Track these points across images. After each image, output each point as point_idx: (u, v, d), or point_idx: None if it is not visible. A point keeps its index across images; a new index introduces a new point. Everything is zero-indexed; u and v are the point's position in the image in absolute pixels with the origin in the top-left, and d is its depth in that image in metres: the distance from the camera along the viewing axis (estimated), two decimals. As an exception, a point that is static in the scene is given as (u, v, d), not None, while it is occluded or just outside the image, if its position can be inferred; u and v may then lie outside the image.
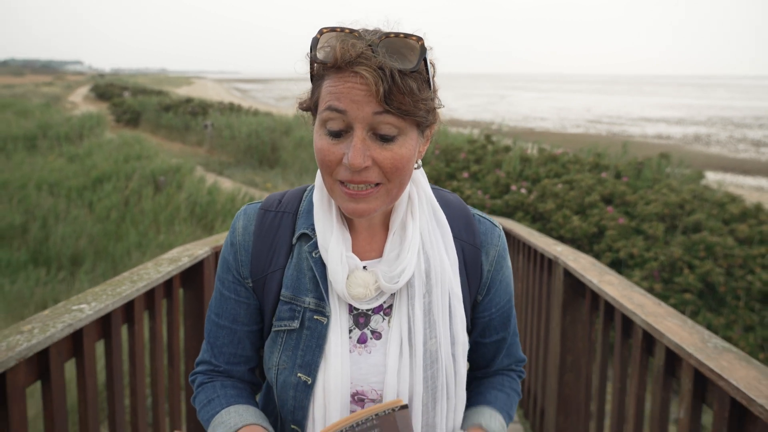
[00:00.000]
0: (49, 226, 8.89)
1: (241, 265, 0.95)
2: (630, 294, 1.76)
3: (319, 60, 0.81)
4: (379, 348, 0.91)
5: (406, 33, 0.79)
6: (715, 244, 5.62)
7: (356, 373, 0.90)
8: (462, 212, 0.98)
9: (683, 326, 1.46)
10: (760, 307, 5.28)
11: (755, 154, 27.13)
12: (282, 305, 0.92)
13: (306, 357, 0.90)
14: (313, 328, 0.90)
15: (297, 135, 16.43)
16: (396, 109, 0.78)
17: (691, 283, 5.39)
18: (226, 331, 0.97)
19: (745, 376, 1.15)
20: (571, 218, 6.46)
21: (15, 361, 1.22)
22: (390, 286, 0.88)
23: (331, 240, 0.89)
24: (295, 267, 0.92)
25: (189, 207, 9.58)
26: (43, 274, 7.36)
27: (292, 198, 0.98)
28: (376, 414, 0.73)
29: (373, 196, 0.83)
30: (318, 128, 0.85)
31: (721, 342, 1.34)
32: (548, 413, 2.55)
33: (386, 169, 0.82)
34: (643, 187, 7.18)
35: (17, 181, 10.85)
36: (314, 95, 0.86)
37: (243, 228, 0.95)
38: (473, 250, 0.96)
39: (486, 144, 9.21)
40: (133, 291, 1.73)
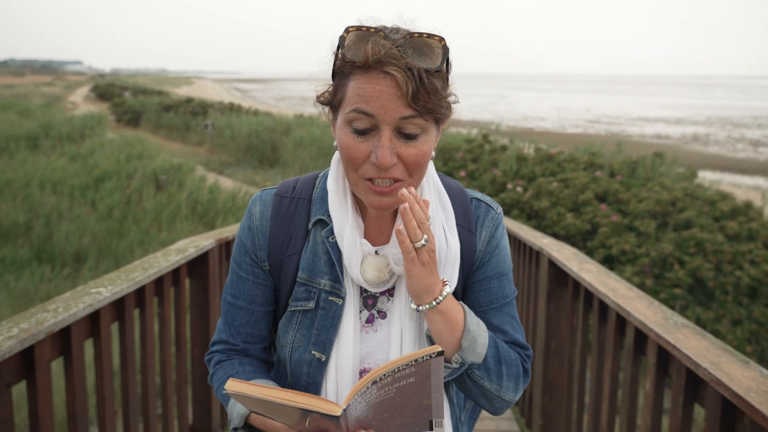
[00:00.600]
0: (53, 224, 9.02)
1: (259, 249, 0.98)
2: (605, 280, 1.89)
3: (348, 58, 0.83)
4: (384, 326, 0.96)
5: (429, 33, 0.83)
6: (705, 240, 5.76)
7: (364, 351, 0.95)
8: (461, 198, 1.01)
9: (650, 307, 1.60)
10: (748, 302, 5.41)
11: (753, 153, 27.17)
12: (298, 286, 0.96)
13: (320, 336, 0.94)
14: (328, 309, 0.94)
15: (297, 135, 16.56)
16: (422, 108, 0.82)
17: (681, 278, 5.53)
18: (243, 311, 1.00)
19: (696, 347, 1.29)
20: (566, 216, 6.60)
21: (44, 335, 1.36)
22: (399, 268, 0.92)
23: (347, 227, 0.92)
24: (311, 251, 0.96)
25: (190, 205, 9.72)
26: (48, 271, 7.49)
27: (305, 184, 1.01)
28: (415, 360, 0.75)
29: (396, 190, 0.87)
30: (342, 125, 0.86)
31: (681, 319, 1.48)
32: (535, 397, 2.68)
33: (410, 165, 0.86)
34: (637, 185, 7.32)
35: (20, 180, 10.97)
36: (338, 92, 0.88)
37: (260, 213, 0.99)
38: (468, 235, 0.99)
39: (483, 143, 9.34)
40: (144, 277, 1.87)
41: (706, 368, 1.18)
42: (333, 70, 0.88)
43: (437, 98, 0.83)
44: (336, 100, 0.88)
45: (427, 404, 0.81)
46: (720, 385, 1.13)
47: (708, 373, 1.17)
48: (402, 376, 0.76)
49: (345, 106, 0.85)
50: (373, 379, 0.75)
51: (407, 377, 0.76)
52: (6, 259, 7.78)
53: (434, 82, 0.82)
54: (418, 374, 0.76)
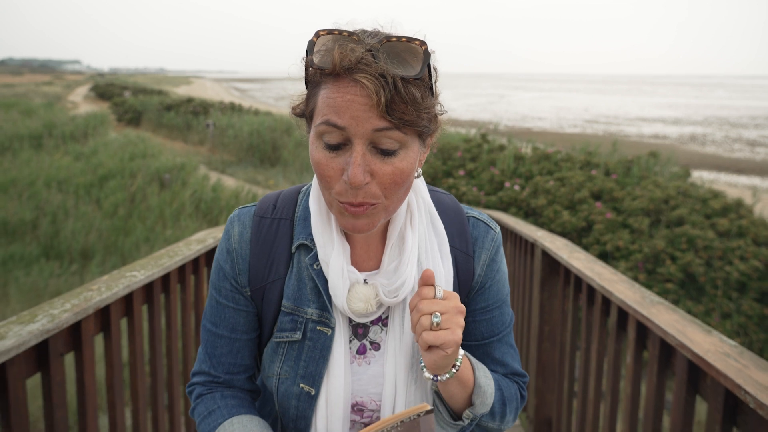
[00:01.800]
0: (59, 221, 9.19)
1: (239, 274, 0.92)
2: (592, 266, 2.07)
3: (316, 65, 0.76)
4: (378, 359, 0.90)
5: (408, 36, 0.74)
6: (696, 236, 5.94)
7: (356, 384, 0.90)
8: (457, 218, 0.95)
9: (631, 288, 1.78)
10: (737, 296, 5.60)
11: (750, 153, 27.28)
12: (283, 316, 0.90)
13: (309, 368, 0.89)
14: (316, 339, 0.88)
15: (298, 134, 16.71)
16: (398, 120, 0.74)
17: (673, 273, 5.71)
18: (224, 340, 0.94)
19: (668, 319, 1.47)
20: (562, 213, 6.78)
21: (93, 310, 1.53)
22: (389, 300, 0.87)
23: (332, 254, 0.86)
24: (296, 277, 0.90)
25: (194, 203, 9.90)
26: (56, 267, 7.66)
27: (286, 202, 0.94)
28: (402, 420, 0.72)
29: (371, 211, 0.79)
30: (314, 139, 0.79)
31: (657, 298, 1.65)
32: (530, 381, 2.86)
33: (386, 184, 0.78)
34: (631, 184, 7.50)
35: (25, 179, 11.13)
36: (310, 103, 0.81)
37: (239, 235, 0.92)
38: (465, 258, 0.93)
39: (481, 143, 9.52)
40: (171, 263, 2.05)
41: (673, 335, 1.35)
42: (305, 79, 0.81)
43: (416, 109, 0.74)
44: (308, 111, 0.81)
45: None
46: (685, 349, 1.31)
47: (675, 339, 1.34)
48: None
49: (316, 118, 0.78)
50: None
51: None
52: (15, 255, 7.95)
53: (412, 90, 0.74)
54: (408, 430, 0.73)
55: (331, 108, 0.74)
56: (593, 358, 2.02)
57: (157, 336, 2.08)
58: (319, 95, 0.77)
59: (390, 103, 0.72)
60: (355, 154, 0.75)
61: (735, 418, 1.21)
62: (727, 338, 1.32)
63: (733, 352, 1.23)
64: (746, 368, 1.15)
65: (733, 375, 1.13)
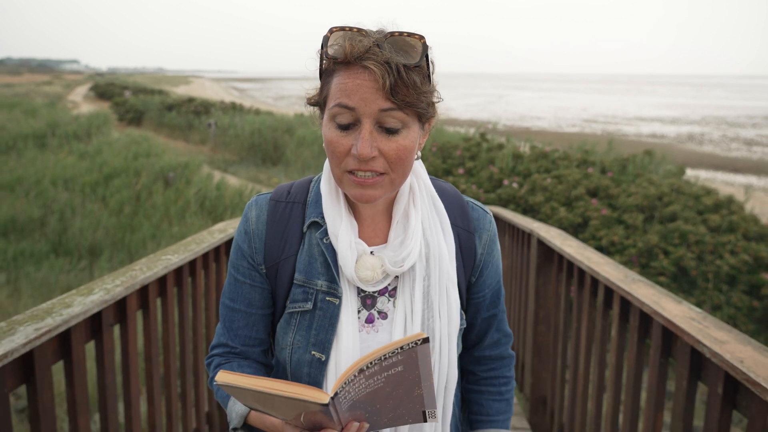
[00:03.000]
0: (66, 219, 9.37)
1: (256, 252, 0.99)
2: (583, 252, 2.28)
3: (329, 56, 0.87)
4: (386, 327, 0.97)
5: (409, 32, 0.85)
6: (689, 232, 6.15)
7: (365, 350, 0.95)
8: (457, 200, 1.04)
9: (616, 269, 1.99)
10: (727, 289, 5.81)
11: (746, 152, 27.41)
12: (295, 288, 0.97)
13: (319, 335, 0.95)
14: (326, 309, 0.95)
15: (299, 134, 16.95)
16: (401, 101, 0.84)
17: (666, 267, 5.92)
18: (241, 314, 1.01)
19: (646, 293, 1.67)
20: (558, 210, 6.98)
21: (139, 286, 1.73)
22: (395, 269, 0.94)
23: (341, 227, 0.94)
24: (306, 253, 0.98)
25: (199, 201, 10.09)
26: (66, 264, 7.85)
27: (299, 189, 1.03)
28: (401, 347, 0.75)
29: (378, 184, 0.88)
30: (327, 122, 0.89)
31: (638, 276, 1.86)
32: (526, 362, 3.07)
33: (391, 159, 0.87)
34: (626, 181, 7.71)
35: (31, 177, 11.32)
36: (323, 91, 0.91)
37: (256, 217, 1.00)
38: (468, 235, 1.02)
39: (481, 142, 9.72)
40: (199, 249, 2.25)
41: (649, 305, 1.56)
42: (320, 71, 0.92)
43: (416, 92, 0.85)
44: (321, 98, 0.92)
45: (418, 394, 0.80)
46: (658, 316, 1.51)
47: (650, 308, 1.55)
48: (389, 364, 0.75)
49: (329, 102, 0.88)
50: (360, 367, 0.74)
51: (395, 366, 0.76)
52: (25, 251, 8.14)
53: (413, 76, 0.85)
54: (405, 363, 0.76)
55: (343, 92, 0.85)
56: (583, 335, 2.22)
57: (186, 315, 2.28)
58: (332, 82, 0.88)
59: (394, 87, 0.83)
60: (363, 131, 0.85)
61: (699, 373, 1.41)
62: (694, 306, 1.52)
63: (697, 317, 1.43)
64: (706, 328, 1.35)
65: (695, 333, 1.33)
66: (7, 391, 1.24)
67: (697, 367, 1.41)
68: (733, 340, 1.26)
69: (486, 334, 1.10)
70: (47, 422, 1.38)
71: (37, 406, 1.36)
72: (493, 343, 1.12)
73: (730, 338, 1.28)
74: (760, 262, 5.91)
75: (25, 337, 1.23)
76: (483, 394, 1.13)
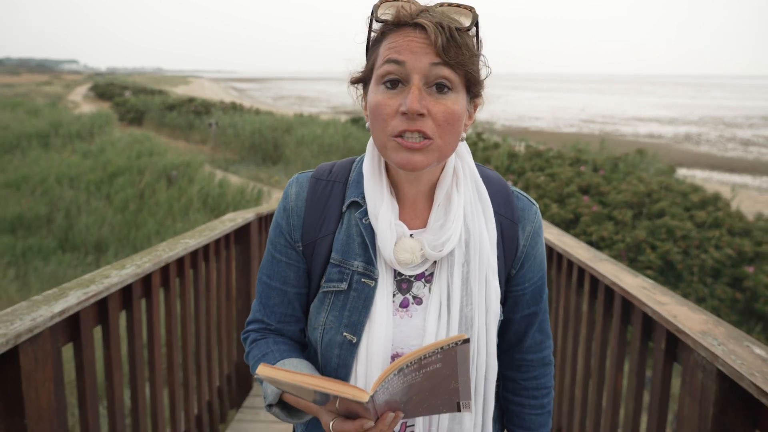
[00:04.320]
0: (72, 216, 9.60)
1: (293, 229, 0.98)
2: (560, 237, 2.52)
3: (381, 20, 0.87)
4: (420, 312, 0.94)
5: (458, 2, 0.87)
6: (675, 227, 6.39)
7: (398, 335, 0.93)
8: (502, 188, 1.00)
9: (588, 251, 2.22)
10: (711, 282, 6.05)
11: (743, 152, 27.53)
12: (331, 267, 0.96)
13: (352, 317, 0.93)
14: (360, 290, 0.93)
15: (298, 133, 17.19)
16: (452, 60, 0.83)
17: (653, 261, 6.16)
18: (277, 291, 1.01)
19: (609, 269, 1.91)
20: (551, 206, 7.22)
21: (164, 263, 1.96)
22: (434, 253, 0.91)
23: (381, 208, 0.92)
24: (345, 232, 0.96)
25: (201, 198, 10.33)
26: (73, 259, 8.08)
27: (341, 168, 1.01)
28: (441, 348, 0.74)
29: (426, 148, 0.85)
30: (374, 87, 0.88)
31: (605, 257, 2.09)
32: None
33: (439, 121, 0.84)
34: (617, 179, 7.95)
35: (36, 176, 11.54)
36: (370, 61, 0.90)
37: (296, 194, 0.99)
38: (511, 225, 0.98)
39: (477, 141, 9.96)
40: (213, 235, 2.48)
41: (611, 279, 1.80)
42: (366, 47, 0.91)
43: (468, 52, 0.84)
44: (368, 68, 0.91)
45: (454, 387, 0.81)
46: (617, 287, 1.75)
47: (611, 280, 1.79)
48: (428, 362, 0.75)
49: (377, 66, 0.87)
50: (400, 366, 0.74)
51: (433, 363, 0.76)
52: (33, 247, 8.36)
53: (464, 38, 0.84)
54: (444, 361, 0.76)
55: (393, 49, 0.84)
56: (560, 313, 2.46)
57: (201, 298, 2.52)
58: (381, 48, 0.87)
59: (445, 45, 0.82)
60: (413, 87, 0.83)
61: (650, 334, 1.65)
62: (648, 279, 1.76)
63: (648, 286, 1.67)
64: (653, 294, 1.59)
65: (644, 298, 1.57)
66: (60, 346, 1.47)
67: (648, 330, 1.65)
68: (672, 302, 1.50)
69: (526, 333, 1.05)
70: (90, 377, 1.62)
71: (82, 361, 1.59)
72: (535, 345, 1.07)
73: (671, 301, 1.51)
74: (743, 256, 6.15)
75: (77, 299, 1.46)
76: (525, 407, 1.08)
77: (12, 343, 1.20)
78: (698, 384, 1.23)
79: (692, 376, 1.27)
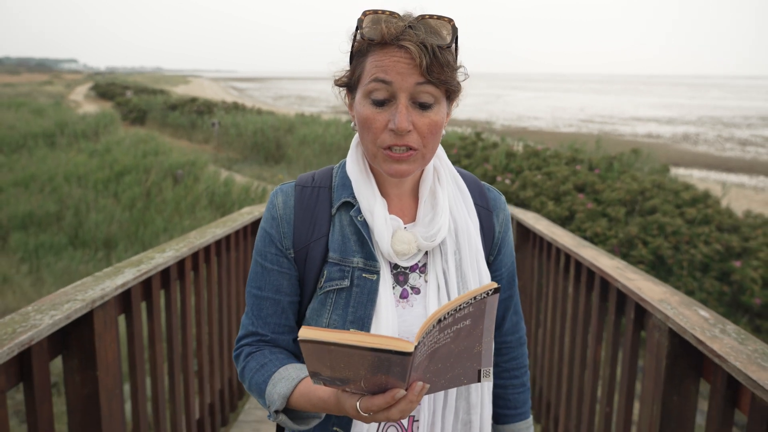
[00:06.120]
0: (81, 213, 9.84)
1: (284, 237, 1.00)
2: (549, 227, 2.77)
3: (366, 37, 0.89)
4: (420, 301, 0.98)
5: (438, 15, 0.90)
6: (666, 223, 6.65)
7: (402, 325, 0.96)
8: (475, 182, 1.09)
9: (573, 239, 2.48)
10: (700, 276, 6.31)
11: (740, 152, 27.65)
12: (331, 266, 0.97)
13: (358, 312, 0.95)
14: (363, 286, 0.96)
15: (300, 133, 17.46)
16: (435, 80, 0.88)
17: (644, 255, 6.42)
18: (270, 302, 1.01)
19: (590, 254, 2.16)
20: (547, 204, 7.47)
21: (197, 249, 2.22)
22: (428, 243, 0.96)
23: (375, 205, 0.97)
24: (339, 232, 0.99)
25: (208, 196, 10.59)
26: (84, 255, 8.34)
27: (323, 175, 1.05)
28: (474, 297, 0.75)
29: (411, 158, 0.91)
30: (361, 99, 0.92)
31: (588, 243, 2.35)
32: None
33: (424, 133, 0.90)
34: (612, 177, 8.21)
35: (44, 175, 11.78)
36: (356, 71, 0.94)
37: (283, 203, 1.01)
38: (487, 214, 1.06)
39: (476, 141, 10.22)
40: (235, 225, 2.74)
41: (591, 261, 2.05)
42: (351, 53, 0.95)
43: (449, 70, 0.89)
44: (354, 78, 0.95)
45: (477, 351, 0.81)
46: (596, 268, 2.01)
47: (590, 263, 2.04)
48: (461, 316, 0.75)
49: (364, 80, 0.91)
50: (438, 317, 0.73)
51: (464, 318, 0.76)
52: (44, 244, 8.61)
53: (446, 56, 0.88)
54: (473, 315, 0.76)
55: (380, 68, 0.88)
56: (550, 296, 2.72)
57: (223, 283, 2.77)
58: (366, 62, 0.91)
59: (429, 66, 0.87)
60: (400, 105, 0.88)
61: (623, 308, 1.90)
62: (623, 260, 2.02)
63: (621, 266, 1.93)
64: (624, 272, 1.85)
65: (617, 276, 1.82)
66: (116, 315, 1.73)
67: (622, 304, 1.91)
68: (639, 278, 1.76)
69: (504, 317, 1.13)
70: (139, 343, 1.87)
71: (132, 331, 1.85)
72: (513, 327, 1.15)
73: (639, 278, 1.77)
74: (731, 251, 6.41)
75: (132, 275, 1.72)
76: (508, 389, 1.15)
77: (89, 308, 1.45)
78: (655, 342, 1.49)
79: (651, 336, 1.53)
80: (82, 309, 1.42)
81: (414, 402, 0.77)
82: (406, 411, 0.77)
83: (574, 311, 2.40)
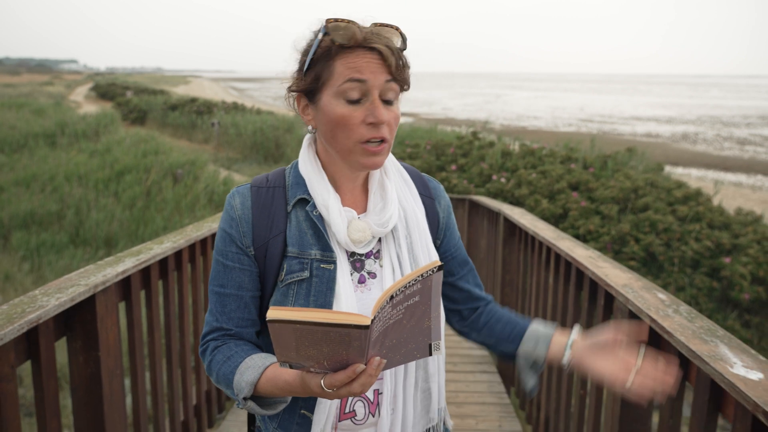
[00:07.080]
0: (82, 212, 9.95)
1: (244, 236, 1.04)
2: (533, 222, 2.88)
3: (337, 42, 0.96)
4: (377, 284, 1.05)
5: (389, 24, 0.99)
6: (658, 221, 6.76)
7: (362, 308, 1.02)
8: (416, 174, 1.18)
9: (554, 232, 2.59)
10: (690, 272, 6.42)
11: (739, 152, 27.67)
12: (290, 260, 1.03)
13: (318, 300, 1.01)
14: (321, 275, 1.02)
15: (299, 133, 17.57)
16: (400, 77, 0.98)
17: (637, 252, 6.53)
18: (232, 298, 1.05)
19: (567, 245, 2.27)
20: (541, 202, 7.58)
21: (194, 241, 2.33)
22: (381, 230, 1.05)
23: (330, 199, 1.03)
24: (296, 228, 1.05)
25: (207, 195, 10.70)
26: (85, 253, 8.45)
27: (276, 176, 1.11)
28: (421, 275, 0.79)
29: (383, 150, 1.00)
30: (332, 100, 0.98)
31: (567, 236, 2.46)
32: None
33: (392, 125, 1.00)
34: (606, 176, 8.32)
35: (45, 174, 11.89)
36: (323, 74, 0.99)
37: (240, 203, 1.06)
38: (430, 202, 1.16)
39: (473, 140, 10.33)
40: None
41: (567, 252, 2.16)
42: (312, 58, 0.99)
43: (407, 68, 1.00)
44: (320, 82, 0.99)
45: (427, 326, 0.85)
46: (571, 258, 2.12)
47: (566, 253, 2.15)
48: (410, 293, 0.80)
49: (334, 82, 0.97)
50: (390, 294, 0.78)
51: (414, 295, 0.80)
52: (46, 242, 8.73)
53: (404, 57, 0.99)
54: (422, 292, 0.81)
55: (353, 69, 0.95)
56: (533, 288, 2.83)
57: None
58: (335, 65, 0.97)
59: (396, 65, 0.97)
60: (375, 100, 0.96)
61: (596, 296, 2.01)
62: (596, 251, 2.13)
63: (594, 256, 2.04)
64: (596, 261, 1.96)
65: (588, 265, 1.93)
66: (117, 301, 1.84)
67: (594, 293, 2.02)
68: (608, 266, 1.87)
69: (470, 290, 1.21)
70: (138, 329, 1.99)
71: (132, 319, 1.96)
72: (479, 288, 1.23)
73: (608, 266, 1.88)
74: (722, 248, 6.52)
75: (132, 263, 1.83)
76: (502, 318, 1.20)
77: (91, 292, 1.56)
78: (618, 323, 1.60)
79: (615, 317, 1.64)
80: (85, 293, 1.53)
81: (373, 376, 0.82)
82: (367, 385, 0.82)
83: (554, 301, 2.51)
